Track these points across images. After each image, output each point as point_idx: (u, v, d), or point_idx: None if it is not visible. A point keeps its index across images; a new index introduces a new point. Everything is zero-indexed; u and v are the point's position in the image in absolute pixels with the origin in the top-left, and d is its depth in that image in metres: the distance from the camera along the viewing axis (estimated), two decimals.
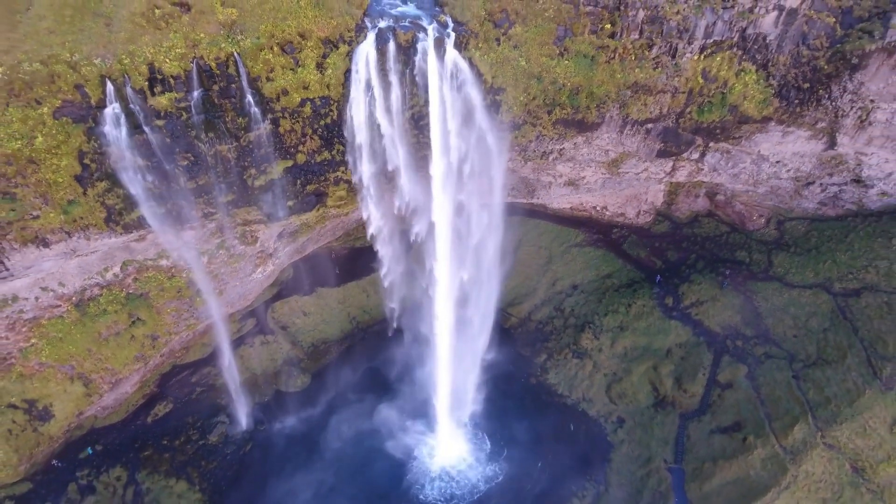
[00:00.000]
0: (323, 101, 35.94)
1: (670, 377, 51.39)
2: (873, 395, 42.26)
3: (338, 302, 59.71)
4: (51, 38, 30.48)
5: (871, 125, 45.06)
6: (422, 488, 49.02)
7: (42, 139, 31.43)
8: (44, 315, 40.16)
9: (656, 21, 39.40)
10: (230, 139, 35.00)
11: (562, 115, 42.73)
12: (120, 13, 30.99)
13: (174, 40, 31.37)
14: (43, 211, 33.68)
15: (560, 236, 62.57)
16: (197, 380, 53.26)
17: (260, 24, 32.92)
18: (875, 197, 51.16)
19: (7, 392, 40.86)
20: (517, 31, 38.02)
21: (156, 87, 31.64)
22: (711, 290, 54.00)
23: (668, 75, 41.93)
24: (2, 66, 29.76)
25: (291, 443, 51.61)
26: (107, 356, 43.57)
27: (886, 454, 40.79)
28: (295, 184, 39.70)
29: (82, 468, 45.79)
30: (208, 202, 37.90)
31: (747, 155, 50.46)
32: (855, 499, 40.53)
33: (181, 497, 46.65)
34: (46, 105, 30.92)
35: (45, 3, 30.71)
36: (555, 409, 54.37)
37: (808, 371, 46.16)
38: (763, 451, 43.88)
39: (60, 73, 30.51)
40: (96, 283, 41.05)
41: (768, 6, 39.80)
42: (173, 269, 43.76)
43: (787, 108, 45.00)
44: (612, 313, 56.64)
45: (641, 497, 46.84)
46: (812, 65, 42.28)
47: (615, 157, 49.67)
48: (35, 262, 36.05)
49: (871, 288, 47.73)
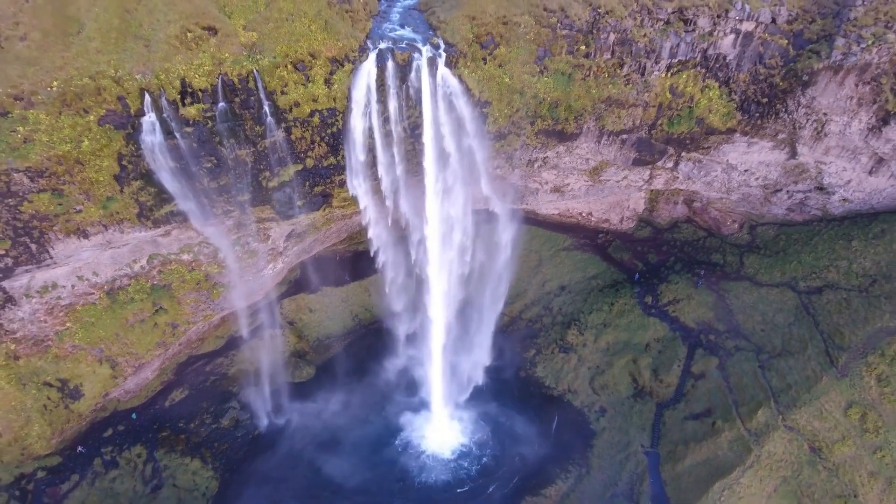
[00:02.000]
0: (330, 112, 40.88)
1: (648, 369, 55.32)
2: (829, 382, 46.08)
3: (341, 300, 64.27)
4: (98, 57, 35.61)
5: (827, 136, 49.56)
6: (416, 470, 52.84)
7: (88, 143, 36.41)
8: (79, 301, 44.91)
9: (626, 43, 44.36)
10: (248, 145, 39.95)
11: (543, 126, 47.55)
12: (157, 36, 36.20)
13: (203, 59, 36.42)
14: (85, 206, 38.58)
15: (550, 241, 67.10)
16: (211, 369, 57.70)
17: (276, 46, 38.01)
18: (837, 203, 55.43)
19: (43, 371, 45.43)
20: (501, 51, 43.00)
21: (186, 99, 36.65)
22: (687, 289, 58.20)
23: (638, 91, 46.77)
24: (57, 81, 34.89)
25: (297, 428, 55.73)
26: (132, 341, 48.13)
27: (841, 435, 44.46)
28: (304, 185, 44.52)
29: (106, 445, 50.09)
30: (228, 201, 42.76)
31: (717, 164, 55.00)
32: (812, 476, 44.07)
33: (195, 474, 50.76)
34: (93, 114, 35.90)
35: (94, 27, 35.95)
36: (542, 400, 58.29)
37: (773, 361, 50.05)
38: (730, 433, 47.62)
39: (106, 86, 35.54)
40: (125, 273, 45.82)
41: (726, 30, 44.73)
42: (193, 263, 48.50)
43: (749, 121, 49.65)
44: (597, 311, 60.82)
45: (620, 478, 50.50)
46: (769, 81, 47.02)
47: (595, 166, 54.34)
48: (75, 251, 40.91)
49: (832, 286, 51.77)
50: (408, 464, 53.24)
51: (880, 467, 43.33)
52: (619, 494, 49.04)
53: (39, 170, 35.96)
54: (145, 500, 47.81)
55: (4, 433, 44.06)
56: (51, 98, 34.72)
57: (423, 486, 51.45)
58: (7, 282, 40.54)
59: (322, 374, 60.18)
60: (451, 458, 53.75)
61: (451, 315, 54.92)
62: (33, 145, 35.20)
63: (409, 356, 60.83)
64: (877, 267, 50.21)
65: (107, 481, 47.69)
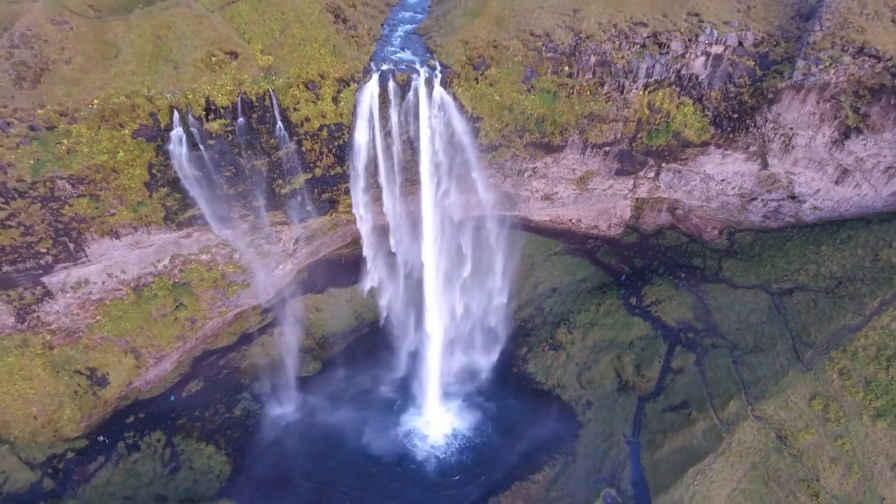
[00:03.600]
0: (336, 126, 45.46)
1: (631, 365, 59.12)
2: (795, 375, 49.75)
3: (346, 301, 68.56)
4: (133, 78, 40.37)
5: (794, 149, 53.65)
6: (414, 456, 56.74)
7: (123, 154, 41.12)
8: (108, 296, 49.47)
9: (605, 64, 48.80)
10: (264, 156, 44.55)
11: (531, 139, 51.93)
12: (185, 59, 40.96)
13: (225, 80, 41.13)
14: (118, 210, 43.23)
15: (542, 246, 71.29)
16: (224, 363, 62.05)
17: (290, 68, 42.68)
18: (808, 211, 59.35)
19: (75, 360, 49.93)
20: (492, 72, 47.54)
21: (210, 115, 41.33)
22: (669, 291, 62.15)
23: (618, 107, 51.12)
24: (97, 99, 39.65)
25: (304, 418, 59.81)
26: (155, 334, 52.61)
27: (805, 424, 48.06)
28: (313, 192, 49.03)
29: (129, 431, 54.38)
30: (244, 206, 47.32)
31: (696, 174, 59.12)
32: (778, 462, 47.63)
33: (210, 458, 54.85)
34: (128, 128, 40.62)
35: (130, 51, 40.77)
36: (533, 394, 62.17)
37: (745, 357, 53.79)
38: (704, 423, 51.29)
39: (139, 104, 40.25)
40: (150, 271, 50.38)
41: (697, 52, 49.06)
42: (211, 262, 53.02)
43: (722, 135, 53.82)
44: (585, 311, 64.81)
45: (603, 465, 54.17)
46: (738, 99, 51.24)
47: (582, 175, 58.62)
48: (107, 251, 45.54)
49: (802, 287, 55.55)
50: (406, 451, 57.14)
51: (841, 454, 46.86)
52: (602, 480, 52.66)
53: (80, 177, 40.69)
54: (164, 480, 51.90)
55: (39, 416, 48.53)
56: (91, 114, 39.48)
57: (421, 472, 55.33)
58: (46, 277, 45.20)
59: (327, 369, 64.37)
60: (446, 447, 57.59)
61: (447, 315, 59.19)
62: (75, 156, 39.95)
63: (409, 353, 64.94)
64: (842, 270, 53.97)
65: (129, 463, 51.87)
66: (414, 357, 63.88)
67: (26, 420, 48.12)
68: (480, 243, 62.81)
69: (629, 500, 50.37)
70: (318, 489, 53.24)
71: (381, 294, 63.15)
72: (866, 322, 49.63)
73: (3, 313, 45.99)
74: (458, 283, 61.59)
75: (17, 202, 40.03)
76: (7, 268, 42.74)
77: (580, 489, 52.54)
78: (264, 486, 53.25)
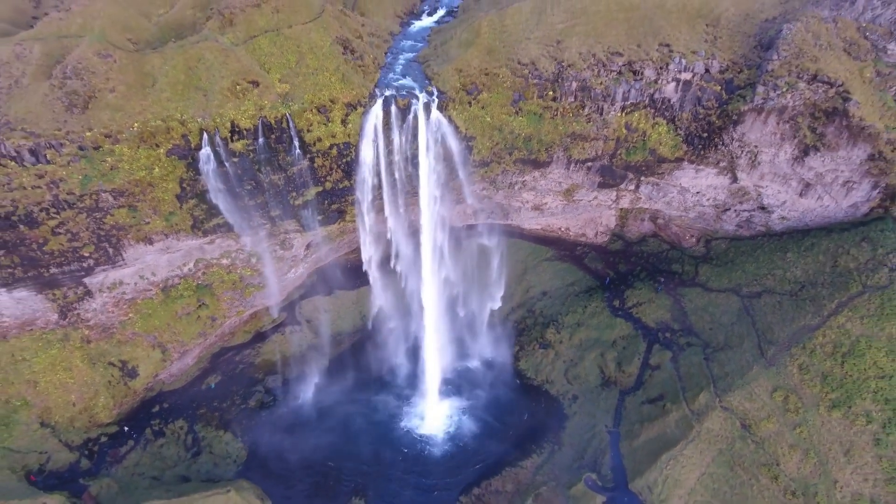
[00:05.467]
0: (345, 145, 51.17)
1: (614, 362, 64.24)
2: (759, 370, 54.67)
3: (352, 302, 74.03)
4: (168, 104, 46.27)
5: (760, 164, 58.96)
6: (413, 444, 61.93)
7: (158, 170, 46.96)
8: (139, 296, 55.19)
9: (586, 89, 54.40)
10: (280, 171, 50.30)
11: (520, 156, 57.53)
12: (214, 88, 46.81)
13: (248, 105, 46.94)
14: (152, 219, 49.03)
15: (534, 252, 76.68)
16: (240, 359, 67.56)
17: (304, 94, 48.49)
18: (777, 220, 64.47)
19: (109, 353, 55.60)
20: (484, 96, 53.24)
21: (234, 136, 47.13)
22: (649, 294, 67.36)
23: (598, 127, 56.66)
24: (137, 123, 45.52)
25: (313, 409, 65.20)
26: (179, 330, 58.26)
27: (767, 414, 52.93)
28: (323, 203, 54.71)
29: (154, 419, 59.90)
30: (262, 215, 53.05)
31: (672, 187, 64.47)
32: (743, 448, 52.45)
33: (227, 444, 60.20)
34: (163, 147, 46.49)
35: (165, 81, 46.69)
36: (524, 389, 67.34)
37: (716, 354, 58.83)
38: (677, 414, 56.26)
39: (173, 127, 46.13)
40: (177, 274, 56.09)
41: (668, 79, 54.58)
42: (231, 266, 58.69)
43: (694, 151, 59.22)
44: (572, 313, 70.05)
45: (586, 453, 59.12)
46: (707, 120, 56.70)
47: (568, 188, 64.09)
48: (141, 255, 51.31)
49: (769, 291, 60.61)
50: (407, 440, 62.39)
51: (798, 441, 51.71)
52: (584, 465, 57.63)
53: (121, 190, 46.57)
54: (187, 463, 57.31)
55: (77, 403, 54.16)
56: (132, 136, 45.41)
57: (420, 458, 60.50)
58: (88, 278, 50.97)
59: (334, 365, 69.75)
60: (443, 436, 62.81)
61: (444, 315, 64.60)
62: (117, 172, 45.85)
63: (409, 351, 70.31)
64: (805, 275, 59.03)
65: (156, 447, 57.33)
66: (414, 354, 69.16)
67: (66, 407, 53.72)
68: (476, 250, 68.30)
69: (608, 484, 55.30)
70: (325, 473, 58.53)
71: (381, 293, 68.50)
72: (824, 322, 54.57)
73: (49, 310, 51.74)
74: (455, 285, 66.93)
75: (66, 212, 45.89)
76: (54, 269, 48.55)
77: (564, 474, 57.55)
78: (276, 469, 58.54)
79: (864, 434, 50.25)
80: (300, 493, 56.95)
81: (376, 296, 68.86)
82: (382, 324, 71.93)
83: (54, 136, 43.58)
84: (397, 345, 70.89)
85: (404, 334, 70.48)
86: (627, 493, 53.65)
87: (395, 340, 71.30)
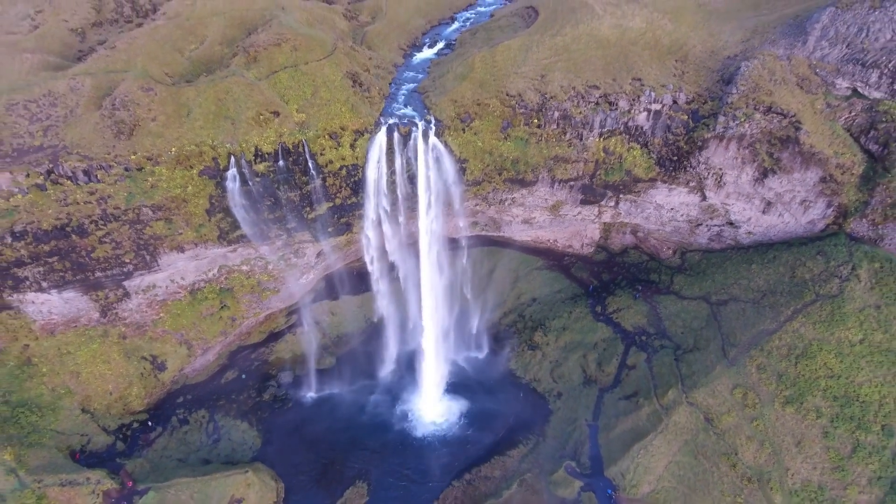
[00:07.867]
0: (353, 166, 58.17)
1: (594, 362, 70.55)
2: (721, 370, 60.83)
3: (357, 306, 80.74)
4: (201, 131, 53.44)
5: (726, 185, 65.46)
6: (412, 433, 68.28)
7: (191, 188, 54.07)
8: (170, 298, 62.20)
9: (567, 117, 61.27)
10: (297, 189, 57.35)
11: (508, 176, 64.38)
12: (240, 117, 53.99)
13: (269, 132, 54.06)
14: (185, 230, 56.09)
15: (525, 262, 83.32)
16: (255, 356, 74.32)
17: (318, 123, 55.59)
18: (744, 235, 70.84)
19: (142, 348, 62.57)
20: (476, 123, 60.21)
21: (257, 159, 54.24)
22: (628, 301, 73.77)
23: (578, 151, 63.46)
24: (174, 147, 52.69)
25: (320, 402, 71.74)
26: (203, 329, 65.18)
27: (727, 409, 59.01)
28: (333, 217, 61.69)
29: (179, 409, 66.68)
30: (279, 227, 60.05)
31: (649, 204, 71.05)
32: (705, 439, 58.56)
33: (244, 433, 66.79)
34: (195, 169, 53.59)
35: (199, 111, 53.89)
36: (513, 387, 73.70)
37: (685, 355, 65.11)
38: (648, 408, 62.44)
39: (205, 151, 53.26)
40: (202, 278, 63.09)
41: (640, 109, 61.36)
42: (250, 272, 65.65)
43: (665, 173, 65.84)
44: (558, 317, 76.50)
45: (568, 444, 65.28)
46: (676, 145, 63.38)
47: (553, 204, 70.82)
48: (173, 262, 58.37)
49: (735, 299, 66.85)
50: (405, 431, 68.79)
51: (755, 433, 57.73)
52: (565, 455, 63.78)
53: (159, 206, 53.65)
54: (208, 448, 63.97)
55: (114, 392, 61.06)
56: (170, 158, 52.53)
57: (417, 447, 66.87)
58: (127, 282, 58.03)
59: (341, 363, 76.41)
60: (439, 426, 69.19)
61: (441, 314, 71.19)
62: (157, 190, 52.96)
63: (409, 350, 76.86)
64: (767, 284, 65.27)
65: (181, 433, 64.07)
66: (414, 353, 75.70)
67: (104, 395, 60.61)
68: (470, 259, 75.01)
69: (586, 471, 61.45)
70: (332, 458, 64.92)
71: (383, 298, 75.26)
72: (781, 327, 60.77)
73: (91, 309, 58.79)
74: (451, 291, 73.55)
75: (112, 224, 53.02)
76: (99, 273, 55.64)
77: (547, 462, 63.74)
78: (287, 455, 64.99)
79: (814, 427, 56.25)
80: (309, 476, 63.35)
81: (379, 300, 75.59)
82: (384, 326, 78.59)
83: (104, 159, 50.74)
84: (398, 345, 77.41)
85: (404, 336, 77.02)
86: (603, 479, 59.88)
87: (396, 341, 77.84)
